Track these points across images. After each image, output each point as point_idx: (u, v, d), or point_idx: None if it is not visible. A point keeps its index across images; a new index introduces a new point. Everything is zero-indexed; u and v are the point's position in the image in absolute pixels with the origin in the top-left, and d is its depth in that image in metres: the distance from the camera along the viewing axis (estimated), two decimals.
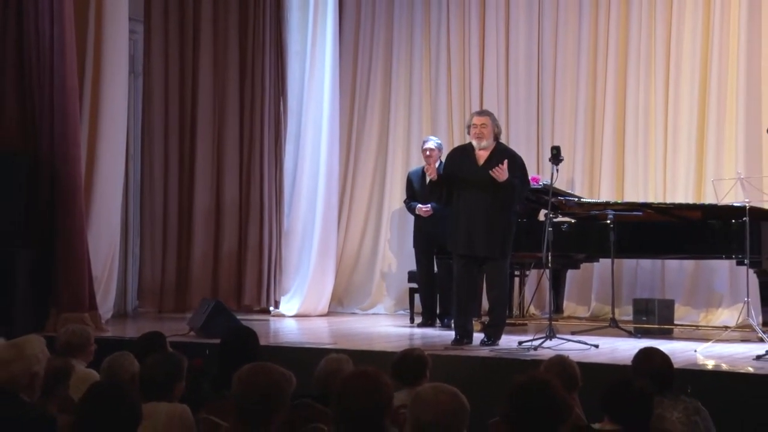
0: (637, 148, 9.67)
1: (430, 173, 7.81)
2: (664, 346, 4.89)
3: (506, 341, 7.24)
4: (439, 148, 9.08)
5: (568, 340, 7.10)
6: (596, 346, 6.95)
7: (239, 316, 8.33)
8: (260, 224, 10.36)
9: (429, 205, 8.90)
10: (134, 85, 10.18)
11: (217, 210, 10.38)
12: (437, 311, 9.00)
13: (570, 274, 9.47)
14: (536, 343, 6.89)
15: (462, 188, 7.23)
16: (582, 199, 8.64)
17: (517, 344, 7.02)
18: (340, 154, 10.52)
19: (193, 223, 10.31)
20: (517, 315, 9.32)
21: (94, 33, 8.61)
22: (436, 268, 9.02)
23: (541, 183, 8.71)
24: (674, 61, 9.51)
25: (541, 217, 8.91)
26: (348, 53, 10.93)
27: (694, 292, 9.31)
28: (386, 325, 9.19)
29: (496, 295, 7.36)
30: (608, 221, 8.00)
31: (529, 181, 7.58)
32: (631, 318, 8.69)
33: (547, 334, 6.99)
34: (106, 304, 8.67)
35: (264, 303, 10.31)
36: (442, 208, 8.23)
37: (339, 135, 10.36)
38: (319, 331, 8.81)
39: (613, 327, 7.97)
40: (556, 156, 7.23)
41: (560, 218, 8.63)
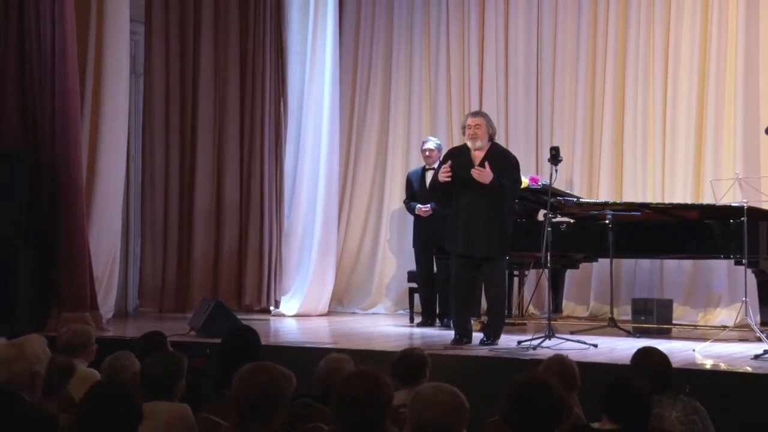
0: (635, 149, 9.68)
1: (446, 174, 7.18)
2: (662, 345, 4.91)
3: (505, 341, 7.26)
4: (439, 149, 9.10)
5: (567, 340, 7.11)
6: (595, 346, 6.96)
7: (240, 316, 8.33)
8: (260, 224, 10.35)
9: (428, 205, 8.91)
10: (135, 85, 10.19)
11: (217, 210, 10.38)
12: (437, 311, 9.01)
13: (569, 273, 9.47)
14: (535, 342, 6.91)
15: (458, 189, 7.25)
16: (581, 199, 8.65)
17: (517, 344, 7.03)
18: (340, 155, 10.53)
19: (194, 223, 10.31)
20: (516, 315, 9.33)
21: (95, 34, 8.63)
22: (435, 268, 9.03)
23: (540, 183, 8.73)
24: (673, 61, 9.52)
25: (540, 217, 8.93)
26: (348, 53, 10.94)
27: (693, 291, 9.33)
28: (386, 325, 9.20)
29: (494, 295, 7.38)
30: (607, 221, 8.03)
31: (521, 180, 7.57)
32: (629, 317, 8.68)
33: (546, 333, 7.01)
34: (107, 303, 8.70)
35: (264, 303, 10.31)
36: (442, 208, 8.24)
37: (339, 135, 10.38)
38: (319, 331, 8.81)
39: (611, 326, 7.99)
40: (555, 156, 7.25)
41: (559, 218, 8.64)
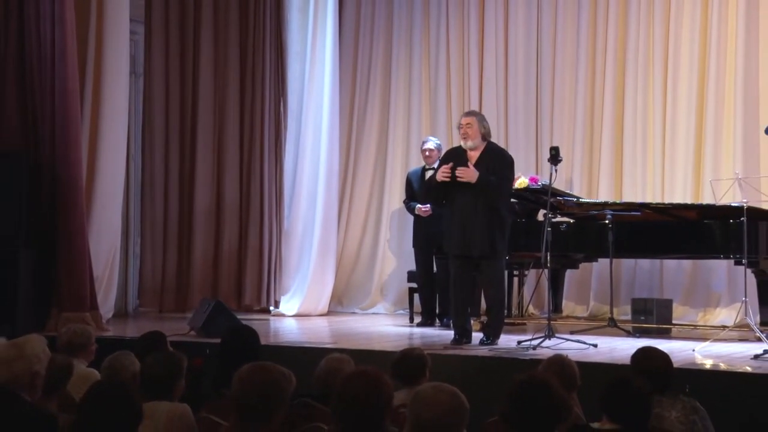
0: (635, 149, 9.68)
1: (445, 174, 7.21)
2: (662, 345, 4.90)
3: (505, 341, 7.26)
4: (439, 149, 9.10)
5: (567, 340, 7.11)
6: (595, 346, 6.96)
7: (239, 316, 8.33)
8: (260, 224, 10.36)
9: (428, 205, 8.91)
10: (135, 85, 10.19)
11: (217, 210, 10.38)
12: (436, 311, 9.01)
13: (569, 273, 9.47)
14: (535, 342, 6.91)
15: (455, 189, 7.26)
16: (580, 199, 8.65)
17: (516, 344, 7.03)
18: (340, 154, 10.54)
19: (194, 223, 10.31)
20: (516, 314, 9.33)
21: (95, 34, 8.63)
22: (435, 268, 9.03)
23: (539, 183, 8.73)
24: (672, 61, 9.52)
25: (540, 217, 8.93)
26: (348, 53, 10.94)
27: (693, 291, 9.33)
28: (386, 325, 9.20)
29: (493, 295, 7.39)
30: (607, 221, 8.03)
31: (513, 178, 7.57)
32: (629, 317, 8.67)
33: (546, 333, 7.00)
34: (106, 303, 8.70)
35: (264, 303, 10.31)
36: (441, 208, 8.24)
37: (339, 135, 10.38)
38: (319, 331, 8.82)
39: (611, 326, 7.99)
40: (555, 156, 7.25)
41: (559, 218, 8.64)
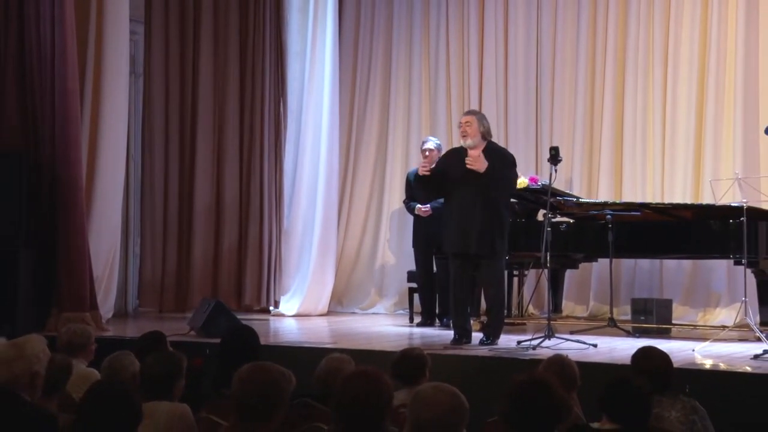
0: (635, 149, 9.68)
1: (425, 170, 7.56)
2: (662, 345, 4.89)
3: (505, 341, 7.26)
4: (439, 149, 9.10)
5: (567, 340, 7.11)
6: (595, 346, 6.96)
7: (239, 316, 8.33)
8: (260, 224, 10.36)
9: (428, 205, 8.91)
10: (135, 85, 10.20)
11: (217, 210, 10.39)
12: (436, 311, 9.01)
13: (568, 273, 9.47)
14: (535, 342, 6.91)
15: (454, 188, 7.28)
16: (580, 199, 8.65)
17: (516, 344, 7.04)
18: (340, 154, 10.54)
19: (194, 222, 10.32)
20: (516, 314, 9.33)
21: (95, 34, 8.64)
22: (435, 268, 9.04)
23: (539, 183, 8.73)
24: (672, 61, 9.53)
25: (540, 217, 8.94)
26: (348, 54, 10.94)
27: (692, 291, 9.33)
28: (386, 325, 9.20)
29: (492, 294, 7.39)
30: (607, 221, 8.03)
31: (517, 176, 7.60)
32: (629, 317, 8.67)
33: (546, 333, 7.00)
34: (106, 303, 8.70)
35: (264, 303, 10.32)
36: (441, 208, 8.24)
37: (339, 135, 10.38)
38: (319, 331, 8.82)
39: (611, 326, 8.00)
40: (555, 156, 7.25)
41: (559, 218, 8.64)
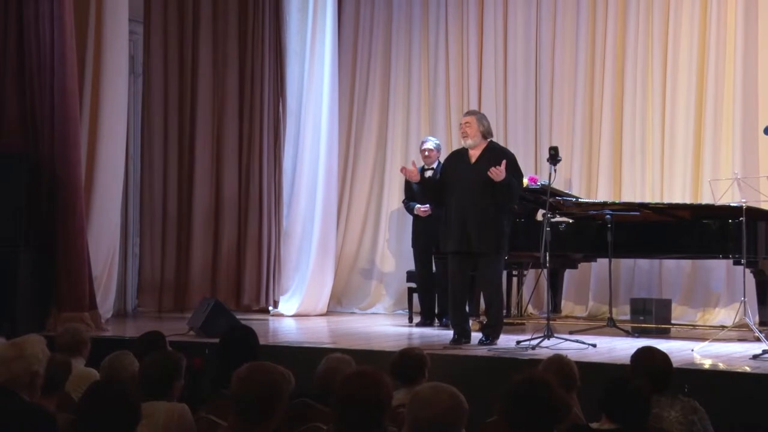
0: (634, 149, 9.68)
1: (411, 177, 8.21)
2: (661, 345, 4.90)
3: (504, 341, 7.27)
4: (438, 149, 9.12)
5: (566, 340, 7.12)
6: (594, 346, 6.97)
7: (238, 316, 8.34)
8: (259, 224, 10.35)
9: (427, 205, 8.91)
10: (134, 85, 10.20)
11: (216, 210, 10.38)
12: (436, 311, 9.01)
13: (568, 273, 9.48)
14: (534, 342, 6.91)
15: (455, 187, 7.29)
16: (579, 199, 8.66)
17: (515, 344, 7.05)
18: (339, 154, 10.53)
19: (193, 222, 10.31)
20: (515, 314, 9.34)
21: (94, 34, 8.64)
22: (434, 268, 9.04)
23: (538, 183, 8.73)
24: (671, 61, 9.53)
25: (539, 217, 8.94)
26: (347, 54, 10.94)
27: (691, 291, 9.33)
28: (385, 325, 9.21)
29: (490, 294, 7.39)
30: (606, 221, 8.03)
31: (523, 175, 7.62)
32: (628, 317, 8.67)
33: (545, 333, 7.01)
34: (106, 303, 8.71)
35: (263, 303, 10.30)
36: (441, 208, 8.25)
37: (338, 135, 10.38)
38: (318, 331, 8.82)
39: (610, 326, 8.01)
40: (554, 156, 7.26)
41: (558, 218, 8.65)
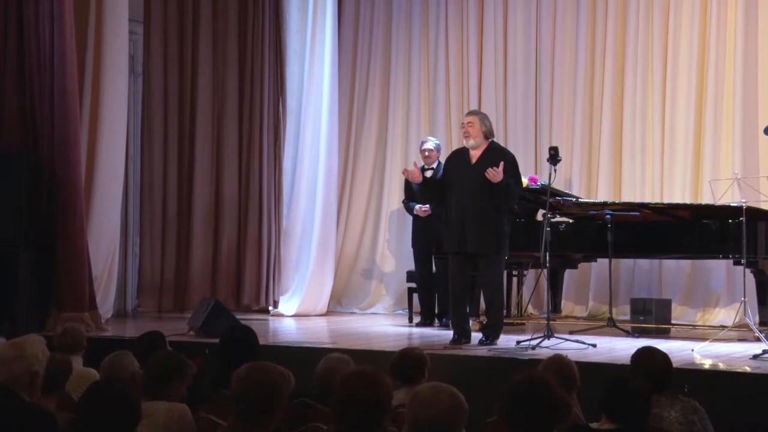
0: (634, 149, 9.68)
1: (413, 178, 8.19)
2: (661, 345, 4.90)
3: (504, 341, 7.27)
4: (438, 149, 9.12)
5: (566, 340, 7.12)
6: (594, 346, 6.97)
7: (238, 316, 8.34)
8: (259, 224, 10.35)
9: (427, 205, 8.91)
10: (134, 85, 10.19)
11: (216, 210, 10.37)
12: (436, 311, 9.01)
13: (568, 273, 9.48)
14: (534, 342, 6.91)
15: (455, 187, 7.29)
16: (579, 199, 8.66)
17: (515, 344, 7.05)
18: (339, 154, 10.53)
19: (193, 222, 10.31)
20: (515, 314, 9.34)
21: (94, 34, 8.64)
22: (434, 268, 9.03)
23: (538, 183, 8.73)
24: (671, 61, 9.53)
25: (539, 217, 8.94)
26: (347, 54, 10.94)
27: (692, 291, 9.33)
28: (385, 325, 9.21)
29: (490, 294, 7.39)
30: (606, 221, 8.03)
31: (521, 177, 7.62)
32: (628, 317, 8.68)
33: (545, 333, 7.01)
34: (106, 303, 8.71)
35: (263, 302, 10.30)
36: (437, 207, 8.27)
37: (338, 135, 10.37)
38: (318, 331, 8.82)
39: (610, 326, 8.01)
40: (554, 156, 7.26)
41: (558, 218, 8.64)
